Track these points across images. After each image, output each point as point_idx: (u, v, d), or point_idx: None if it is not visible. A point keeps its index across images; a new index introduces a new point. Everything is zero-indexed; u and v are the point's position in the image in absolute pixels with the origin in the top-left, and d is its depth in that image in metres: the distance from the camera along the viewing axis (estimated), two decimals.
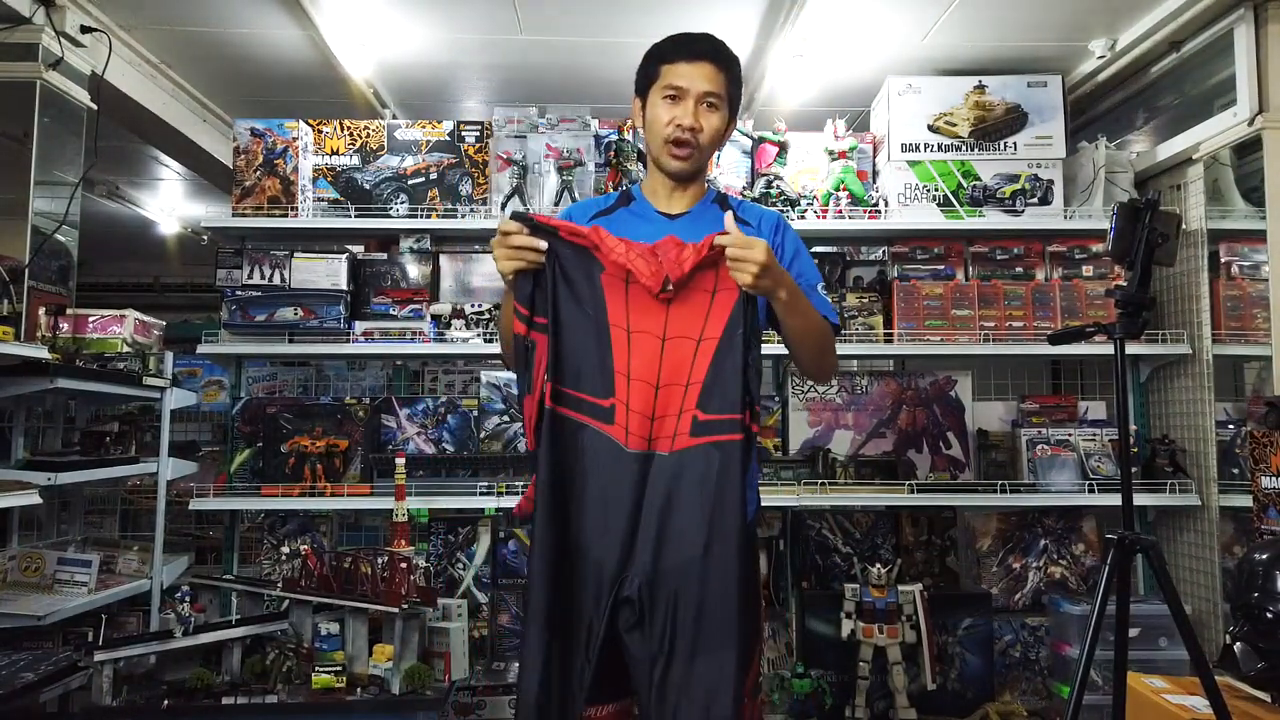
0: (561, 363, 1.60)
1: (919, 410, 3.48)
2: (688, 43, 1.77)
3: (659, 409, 1.58)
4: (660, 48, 1.79)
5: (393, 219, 3.38)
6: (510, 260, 1.57)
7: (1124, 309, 2.01)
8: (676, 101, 1.74)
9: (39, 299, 2.94)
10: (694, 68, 1.74)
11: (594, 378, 1.59)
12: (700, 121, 1.74)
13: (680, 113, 1.73)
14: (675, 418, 1.57)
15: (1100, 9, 3.23)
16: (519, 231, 1.57)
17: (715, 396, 1.56)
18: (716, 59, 1.76)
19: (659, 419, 1.58)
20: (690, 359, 1.58)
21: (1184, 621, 1.90)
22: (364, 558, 2.74)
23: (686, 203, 1.82)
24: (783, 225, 1.85)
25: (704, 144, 1.76)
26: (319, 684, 2.54)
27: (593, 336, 1.60)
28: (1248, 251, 3.34)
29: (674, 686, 1.50)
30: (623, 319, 1.60)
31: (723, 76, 1.76)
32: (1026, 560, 3.39)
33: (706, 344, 1.58)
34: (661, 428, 1.57)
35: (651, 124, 1.78)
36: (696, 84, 1.73)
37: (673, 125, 1.73)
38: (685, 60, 1.74)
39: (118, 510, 3.79)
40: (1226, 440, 3.24)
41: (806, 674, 3.09)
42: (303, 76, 3.89)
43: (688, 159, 1.76)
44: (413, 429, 3.38)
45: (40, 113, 3.01)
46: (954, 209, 3.42)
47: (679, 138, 1.73)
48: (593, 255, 1.60)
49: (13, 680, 2.35)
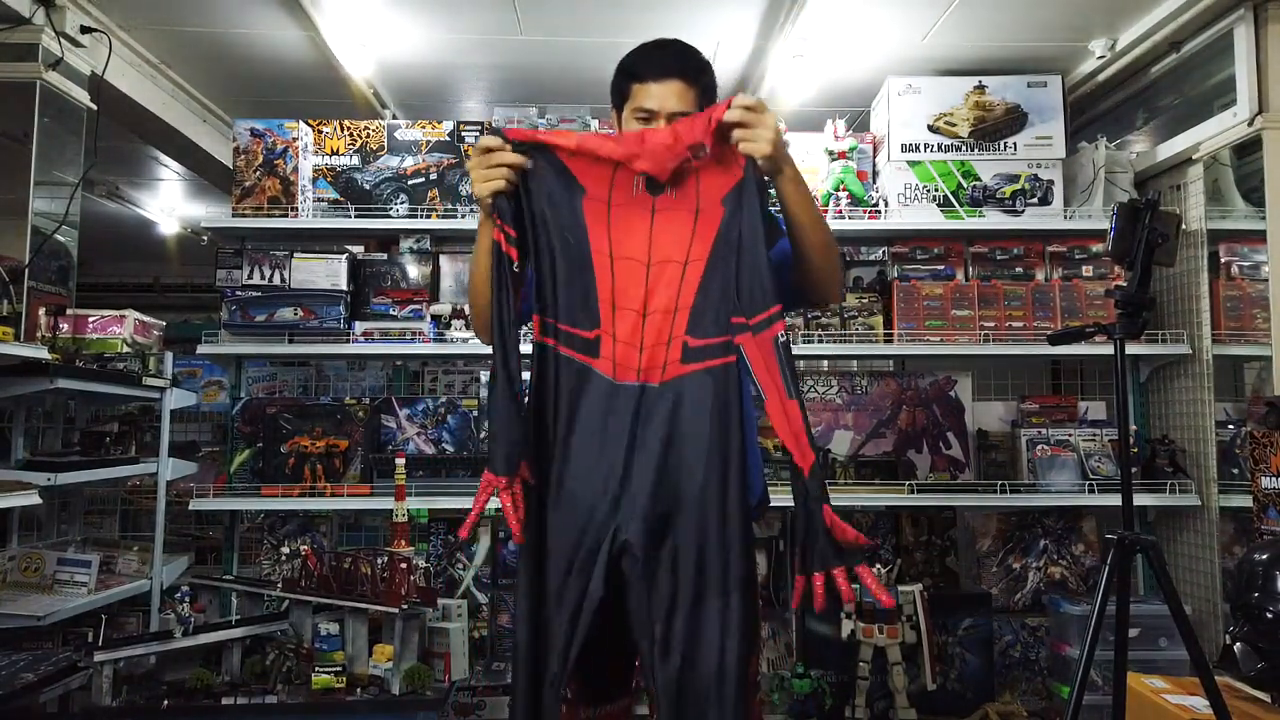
0: (544, 292, 1.55)
1: (919, 410, 3.48)
2: (656, 58, 1.71)
3: (647, 338, 1.51)
4: (629, 63, 1.74)
5: (393, 219, 3.38)
6: (490, 181, 1.50)
7: (1124, 309, 2.01)
8: (647, 123, 1.69)
9: (39, 299, 2.94)
10: (663, 87, 1.68)
11: (577, 308, 1.53)
12: None
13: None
14: (665, 346, 1.51)
15: (1100, 9, 3.23)
16: (500, 148, 1.50)
17: (704, 321, 1.51)
18: (685, 74, 1.69)
19: (648, 349, 1.51)
20: (678, 283, 1.52)
21: (1184, 621, 1.91)
22: (364, 558, 2.74)
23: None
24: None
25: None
26: (319, 684, 2.54)
27: (576, 264, 1.53)
28: (1248, 251, 3.34)
29: (679, 638, 1.45)
30: (605, 245, 1.53)
31: (693, 91, 1.70)
32: (1026, 560, 3.39)
33: (694, 266, 1.52)
34: (652, 358, 1.51)
35: None
36: (666, 104, 1.68)
37: None
38: (654, 79, 1.68)
39: (118, 510, 3.79)
40: (1226, 440, 3.24)
41: (806, 674, 3.09)
42: (303, 76, 3.89)
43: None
44: (413, 429, 3.38)
45: (40, 113, 3.01)
46: (954, 209, 3.42)
47: None
48: (573, 178, 1.54)
49: (13, 680, 2.35)
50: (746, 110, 1.46)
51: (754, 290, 1.48)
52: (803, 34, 3.35)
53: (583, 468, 1.51)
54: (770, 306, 1.46)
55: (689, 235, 1.53)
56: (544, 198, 1.54)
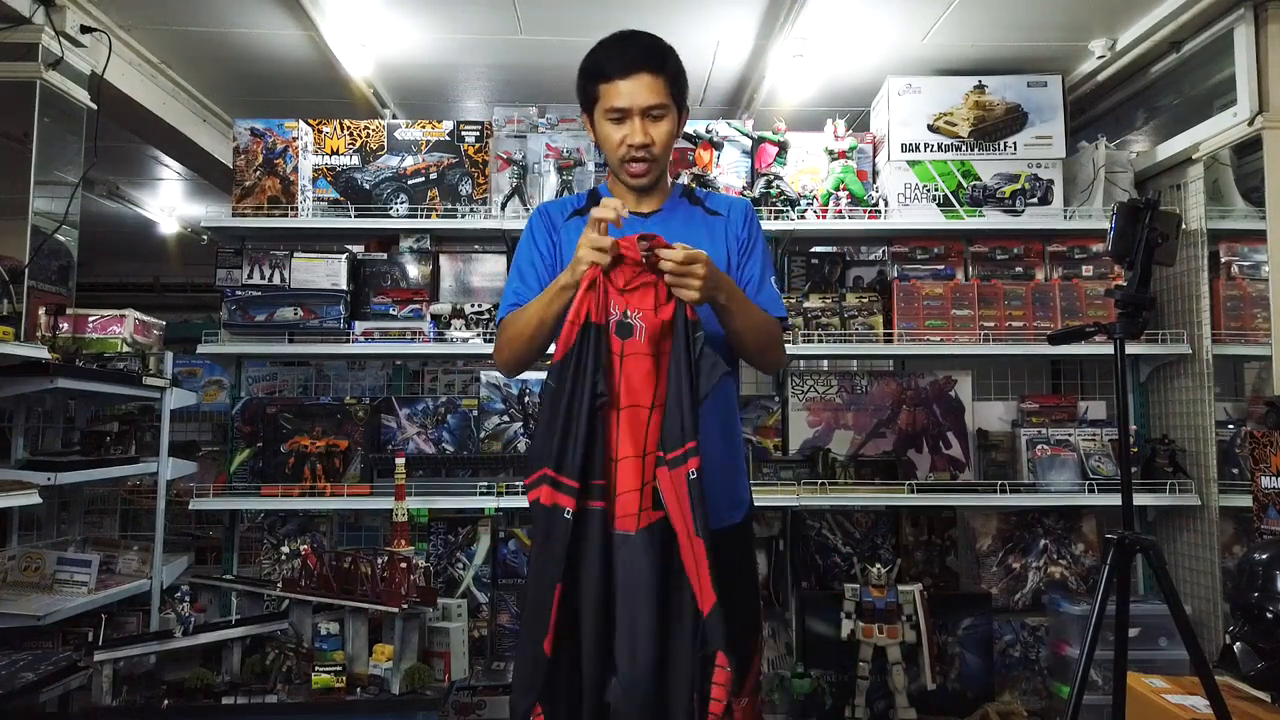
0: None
1: (919, 410, 3.48)
2: (620, 54, 1.72)
3: (620, 483, 1.51)
4: (593, 62, 1.75)
5: (393, 219, 3.38)
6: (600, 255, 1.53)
7: (1124, 309, 2.01)
8: (621, 122, 1.72)
9: (39, 299, 2.94)
10: (631, 83, 1.69)
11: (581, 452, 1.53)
12: (650, 134, 1.72)
13: (631, 132, 1.72)
14: (638, 492, 1.50)
15: (1100, 9, 3.23)
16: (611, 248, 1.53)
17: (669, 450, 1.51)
18: (651, 65, 1.70)
19: (621, 495, 1.51)
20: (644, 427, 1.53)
21: (1184, 621, 1.90)
22: (364, 558, 2.74)
23: (656, 201, 1.83)
24: (750, 213, 1.87)
25: (659, 153, 1.75)
26: (319, 684, 2.54)
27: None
28: (1248, 251, 3.34)
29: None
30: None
31: (662, 81, 1.71)
32: (1026, 560, 3.39)
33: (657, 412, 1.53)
34: (625, 504, 1.50)
35: (604, 143, 1.78)
36: (638, 100, 1.70)
37: (624, 146, 1.73)
38: (620, 76, 1.70)
39: (118, 510, 3.79)
40: (1226, 440, 3.24)
41: (806, 674, 3.09)
42: (303, 76, 3.89)
43: (646, 173, 1.76)
44: (413, 429, 3.38)
45: (40, 113, 3.00)
46: (954, 209, 3.42)
47: (634, 156, 1.73)
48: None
49: (13, 680, 2.35)
50: (677, 266, 1.50)
51: (673, 426, 1.50)
52: (803, 34, 3.35)
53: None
54: (686, 443, 1.49)
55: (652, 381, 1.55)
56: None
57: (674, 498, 1.48)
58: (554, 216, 1.86)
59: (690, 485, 1.47)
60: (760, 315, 1.73)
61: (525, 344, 1.69)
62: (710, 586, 1.45)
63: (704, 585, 1.46)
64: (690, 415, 1.49)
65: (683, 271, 1.50)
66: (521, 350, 1.70)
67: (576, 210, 1.86)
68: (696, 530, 1.46)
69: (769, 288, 1.83)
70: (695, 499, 1.47)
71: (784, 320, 1.82)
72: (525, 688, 1.49)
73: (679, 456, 1.48)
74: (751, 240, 1.84)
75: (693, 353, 1.51)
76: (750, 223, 1.85)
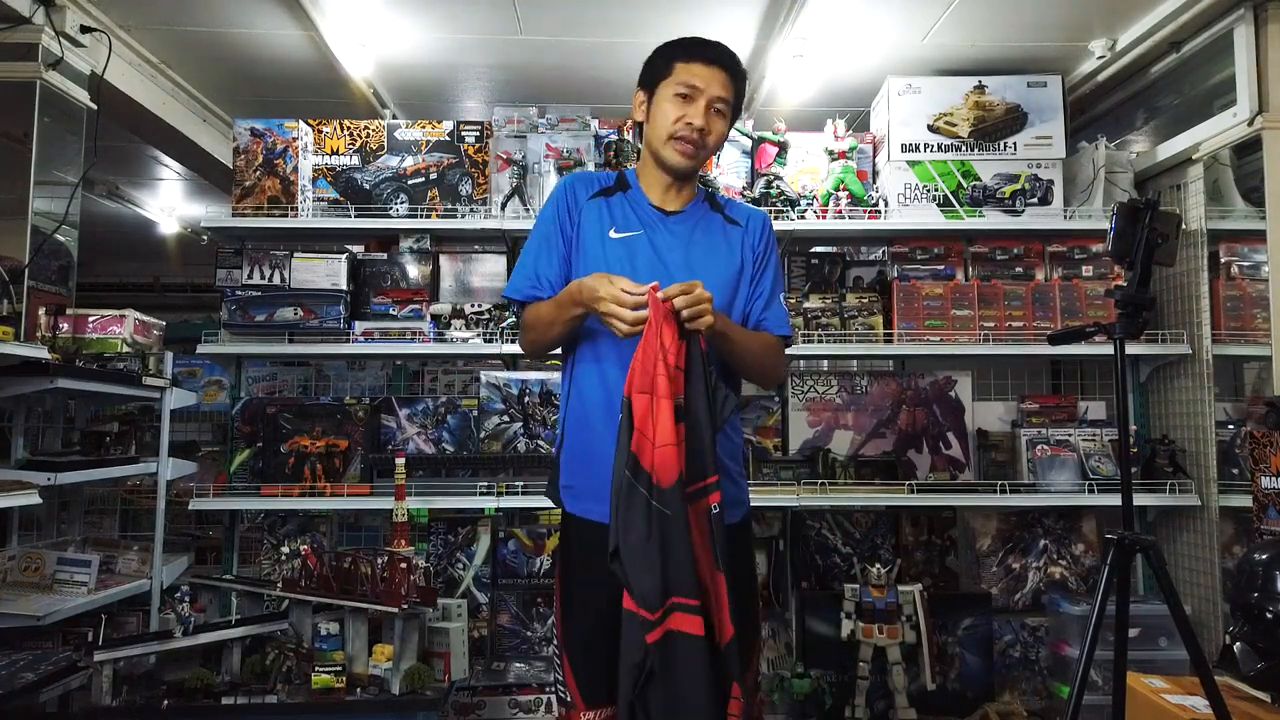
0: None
1: (919, 410, 3.48)
2: (706, 46, 1.79)
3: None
4: (677, 45, 1.80)
5: (393, 219, 3.38)
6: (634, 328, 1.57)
7: (1124, 309, 2.01)
8: (689, 101, 1.76)
9: (39, 299, 2.94)
10: (710, 71, 1.76)
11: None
12: (709, 123, 1.76)
13: (692, 112, 1.75)
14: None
15: (1100, 9, 3.23)
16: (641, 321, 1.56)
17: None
18: (731, 68, 1.78)
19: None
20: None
21: (1184, 621, 1.90)
22: (364, 558, 2.74)
23: (681, 201, 1.85)
24: (769, 227, 1.92)
25: (709, 145, 1.79)
26: (319, 684, 2.54)
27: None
28: (1248, 251, 3.34)
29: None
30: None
31: (734, 86, 1.79)
32: (1026, 560, 3.39)
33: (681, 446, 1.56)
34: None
35: (658, 119, 1.79)
36: (712, 87, 1.75)
37: (683, 123, 1.75)
38: (702, 62, 1.76)
39: (118, 510, 3.79)
40: (1226, 440, 3.23)
41: (806, 674, 3.09)
42: (303, 76, 3.89)
43: (693, 157, 1.78)
44: (413, 429, 3.38)
45: (40, 113, 3.01)
46: (954, 209, 3.42)
47: (688, 136, 1.75)
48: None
49: (13, 680, 2.35)
50: (689, 299, 1.54)
51: (694, 459, 1.52)
52: (803, 34, 3.35)
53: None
54: (707, 477, 1.51)
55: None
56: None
57: (695, 531, 1.49)
58: (579, 193, 1.86)
59: (712, 519, 1.49)
60: (756, 339, 1.78)
61: (543, 343, 1.81)
62: (729, 619, 1.47)
63: (723, 617, 1.47)
64: (710, 450, 1.52)
65: (693, 300, 1.54)
66: (541, 346, 1.82)
67: (602, 189, 1.87)
68: (716, 564, 1.48)
69: (778, 304, 1.86)
70: (716, 533, 1.49)
71: (787, 339, 1.85)
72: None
73: (699, 490, 1.50)
74: (768, 254, 1.88)
75: (709, 382, 1.54)
76: (768, 237, 1.89)
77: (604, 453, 1.66)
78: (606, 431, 1.67)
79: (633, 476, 1.48)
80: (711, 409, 1.54)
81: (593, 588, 1.72)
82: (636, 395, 1.51)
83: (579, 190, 1.86)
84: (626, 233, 1.80)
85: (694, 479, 1.51)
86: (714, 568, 1.48)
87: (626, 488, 1.48)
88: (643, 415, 1.50)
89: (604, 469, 1.64)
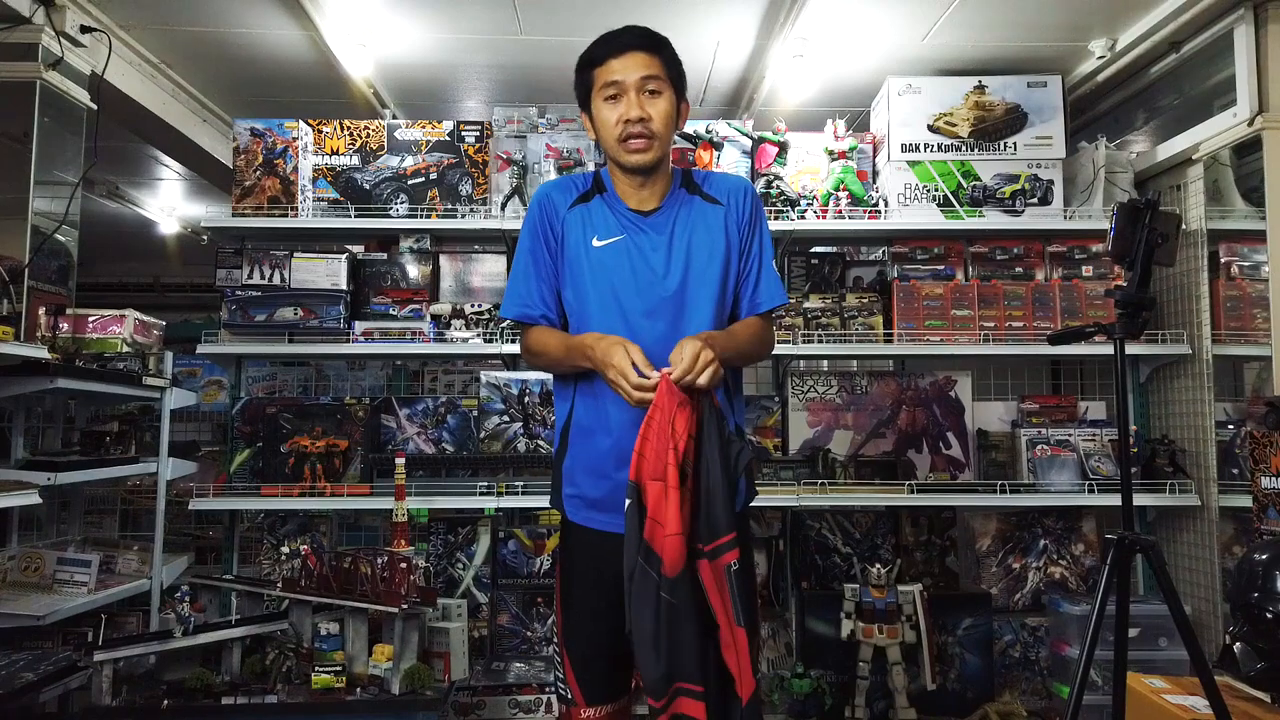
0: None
1: (919, 410, 3.48)
2: (609, 40, 1.75)
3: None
4: (586, 54, 1.77)
5: (393, 219, 3.38)
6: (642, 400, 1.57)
7: (1124, 309, 2.01)
8: (618, 99, 1.72)
9: (39, 299, 2.94)
10: (624, 60, 1.71)
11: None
12: (647, 109, 1.72)
13: (625, 107, 1.72)
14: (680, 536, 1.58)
15: (1100, 9, 3.23)
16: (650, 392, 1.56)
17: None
18: (644, 46, 1.73)
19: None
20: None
21: (1184, 621, 1.90)
22: (364, 558, 2.74)
23: (656, 198, 1.80)
24: (751, 194, 1.85)
25: (658, 130, 1.73)
26: (319, 684, 2.54)
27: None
28: (1248, 251, 3.34)
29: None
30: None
31: (656, 59, 1.73)
32: (1026, 560, 3.39)
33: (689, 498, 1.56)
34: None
35: (601, 130, 1.77)
36: (632, 73, 1.71)
37: (621, 122, 1.72)
38: (613, 56, 1.72)
39: (118, 510, 3.80)
40: (1226, 440, 3.23)
41: (806, 674, 3.09)
42: (303, 76, 3.89)
43: (646, 149, 1.73)
44: (412, 429, 3.38)
45: (40, 113, 3.01)
46: (954, 209, 3.42)
47: (632, 131, 1.72)
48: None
49: (13, 680, 2.35)
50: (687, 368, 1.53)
51: (710, 517, 1.51)
52: (803, 34, 3.35)
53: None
54: (725, 534, 1.50)
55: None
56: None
57: (715, 588, 1.49)
58: (557, 204, 1.82)
59: (729, 575, 1.49)
60: (748, 339, 1.76)
61: (545, 369, 1.87)
62: (750, 674, 1.48)
63: (744, 673, 1.48)
64: (726, 508, 1.51)
65: (691, 367, 1.52)
66: (543, 370, 1.91)
67: (581, 195, 1.83)
68: (738, 620, 1.49)
69: (767, 275, 1.82)
70: (735, 588, 1.49)
71: (779, 308, 1.84)
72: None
73: (717, 548, 1.50)
74: (754, 225, 1.83)
75: (724, 438, 1.54)
76: (752, 206, 1.83)
77: (607, 467, 1.70)
78: (610, 449, 1.70)
79: (645, 563, 1.49)
80: (725, 468, 1.52)
81: (593, 589, 1.72)
82: (649, 482, 1.50)
83: (557, 200, 1.82)
84: (609, 239, 1.77)
85: (712, 537, 1.50)
86: (734, 624, 1.49)
87: (639, 575, 1.49)
88: (655, 503, 1.49)
89: (607, 482, 1.69)
